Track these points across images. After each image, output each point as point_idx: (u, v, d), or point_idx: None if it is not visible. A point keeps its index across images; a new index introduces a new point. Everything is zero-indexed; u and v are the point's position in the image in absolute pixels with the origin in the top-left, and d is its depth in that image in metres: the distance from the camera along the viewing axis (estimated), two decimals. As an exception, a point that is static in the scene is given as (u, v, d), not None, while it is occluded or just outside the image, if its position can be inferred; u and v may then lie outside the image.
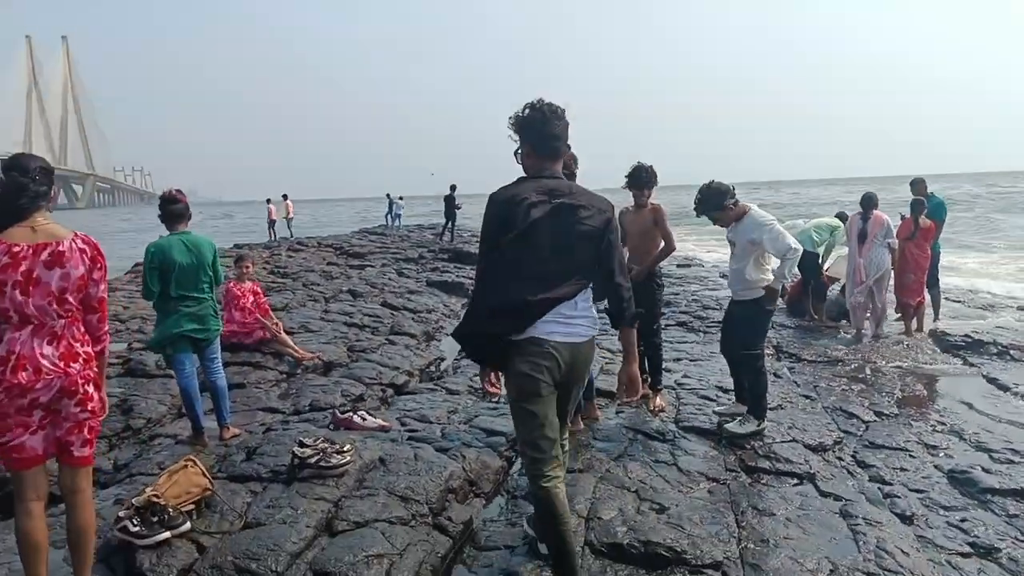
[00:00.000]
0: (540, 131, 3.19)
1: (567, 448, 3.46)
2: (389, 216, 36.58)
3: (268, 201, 31.86)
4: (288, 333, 9.46)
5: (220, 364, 5.62)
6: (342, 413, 5.15)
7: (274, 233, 30.16)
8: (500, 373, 3.30)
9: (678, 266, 18.07)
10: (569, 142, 3.27)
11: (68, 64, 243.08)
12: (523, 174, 3.27)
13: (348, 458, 4.24)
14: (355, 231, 35.21)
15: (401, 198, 37.01)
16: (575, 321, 3.18)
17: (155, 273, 5.25)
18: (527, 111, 3.21)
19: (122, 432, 5.95)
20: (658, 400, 6.15)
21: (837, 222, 10.66)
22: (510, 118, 3.24)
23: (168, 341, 5.34)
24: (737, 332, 5.69)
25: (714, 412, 5.89)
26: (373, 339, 9.54)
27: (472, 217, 25.63)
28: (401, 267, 18.51)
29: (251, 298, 8.08)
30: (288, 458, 4.35)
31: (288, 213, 31.83)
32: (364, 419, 5.10)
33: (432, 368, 8.84)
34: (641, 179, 6.09)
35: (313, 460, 4.14)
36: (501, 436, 5.32)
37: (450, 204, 25.26)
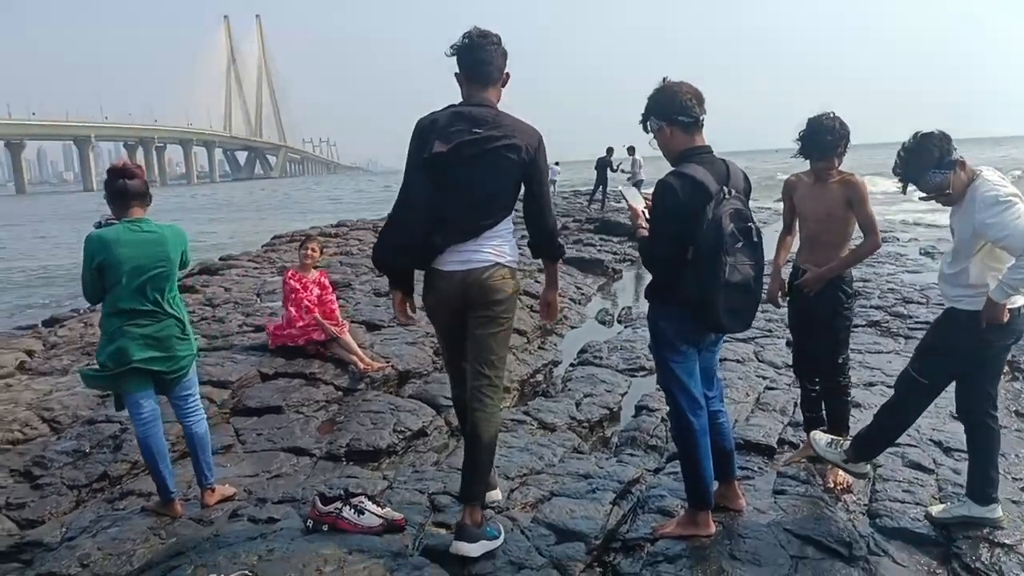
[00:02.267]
0: (471, 56, 3.21)
1: (482, 386, 3.24)
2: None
3: None
4: (376, 328, 7.90)
5: (198, 402, 4.02)
6: (325, 503, 3.34)
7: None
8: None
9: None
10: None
11: (261, 42, 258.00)
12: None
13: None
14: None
15: (557, 163, 35.25)
16: (476, 247, 3.20)
17: (95, 275, 3.71)
18: (462, 38, 3.23)
19: (96, 481, 4.51)
20: (840, 474, 3.93)
21: None
22: (450, 46, 3.24)
23: (111, 378, 3.78)
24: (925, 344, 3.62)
25: (927, 515, 3.60)
26: (474, 337, 7.77)
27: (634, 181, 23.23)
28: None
29: (314, 291, 6.51)
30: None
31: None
32: (360, 513, 3.27)
33: (539, 378, 6.96)
34: (825, 143, 3.83)
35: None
36: (579, 541, 3.34)
37: (603, 168, 22.96)
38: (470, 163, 3.10)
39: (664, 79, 3.21)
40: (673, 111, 3.11)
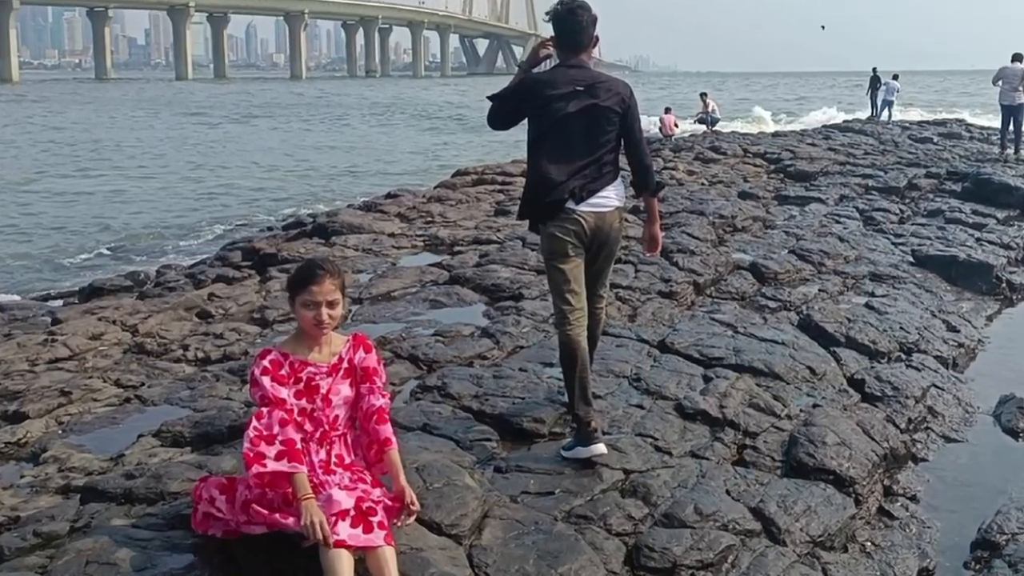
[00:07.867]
0: (564, 25, 4.42)
1: (602, 306, 4.81)
2: (876, 100, 30.25)
3: (667, 111, 27.47)
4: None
5: None
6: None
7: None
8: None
9: None
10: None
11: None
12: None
13: None
14: (823, 126, 29.04)
15: (896, 77, 30.14)
16: (601, 192, 4.40)
17: None
18: (556, 6, 4.44)
19: None
20: None
21: None
22: (546, 13, 4.54)
23: None
24: None
25: None
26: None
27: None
28: (872, 205, 12.57)
29: (340, 393, 3.50)
30: None
31: (708, 109, 28.91)
32: None
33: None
34: None
35: None
36: None
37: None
38: (581, 118, 4.39)
39: None
40: None
